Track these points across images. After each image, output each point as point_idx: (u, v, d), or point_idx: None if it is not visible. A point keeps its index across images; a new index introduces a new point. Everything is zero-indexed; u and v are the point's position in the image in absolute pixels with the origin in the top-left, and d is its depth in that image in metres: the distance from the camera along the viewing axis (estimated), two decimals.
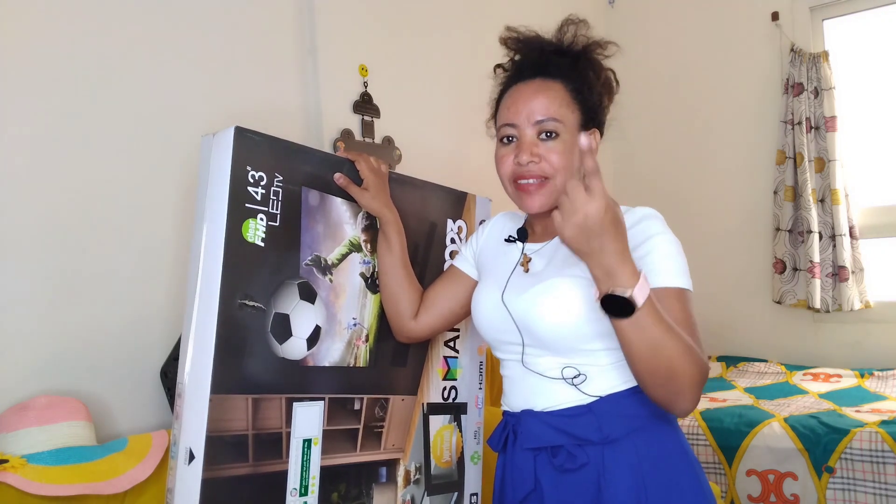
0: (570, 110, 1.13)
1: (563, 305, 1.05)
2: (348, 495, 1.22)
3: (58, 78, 1.51)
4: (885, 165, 2.96)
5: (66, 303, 1.49)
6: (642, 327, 0.93)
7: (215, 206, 1.08)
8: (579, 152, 0.97)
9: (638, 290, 0.91)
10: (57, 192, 1.49)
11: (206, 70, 1.79)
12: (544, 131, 1.11)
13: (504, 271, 1.18)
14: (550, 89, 1.13)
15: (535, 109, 1.11)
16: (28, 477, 1.17)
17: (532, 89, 1.13)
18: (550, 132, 1.11)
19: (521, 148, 1.11)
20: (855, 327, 2.94)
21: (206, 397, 1.03)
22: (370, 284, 1.30)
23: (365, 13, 2.25)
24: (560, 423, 1.08)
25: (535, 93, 1.12)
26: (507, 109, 1.15)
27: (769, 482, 2.12)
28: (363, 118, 2.20)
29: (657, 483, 1.04)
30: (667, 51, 3.42)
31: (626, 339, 0.95)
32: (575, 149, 1.12)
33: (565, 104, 1.12)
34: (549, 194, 1.11)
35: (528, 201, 1.12)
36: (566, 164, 1.10)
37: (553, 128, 1.11)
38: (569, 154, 1.11)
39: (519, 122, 1.12)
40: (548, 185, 1.11)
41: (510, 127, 1.13)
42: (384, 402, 1.30)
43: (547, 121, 1.10)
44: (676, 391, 0.96)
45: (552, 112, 1.11)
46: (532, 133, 1.11)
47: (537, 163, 1.10)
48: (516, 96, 1.14)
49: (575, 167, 1.11)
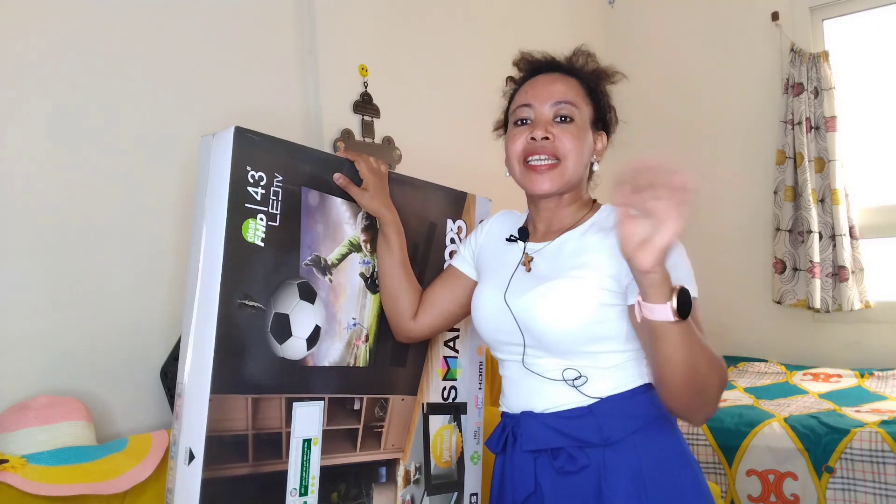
0: (585, 103, 1.16)
1: (566, 307, 1.05)
2: (348, 495, 1.22)
3: (57, 78, 1.51)
4: (885, 165, 2.96)
5: (66, 303, 1.49)
6: (690, 332, 0.91)
7: (215, 207, 1.08)
8: None
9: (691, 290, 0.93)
10: (57, 192, 1.49)
11: (206, 70, 1.79)
12: (560, 115, 1.13)
13: (505, 271, 1.17)
14: (568, 81, 1.17)
15: (554, 93, 1.14)
16: (28, 477, 1.17)
17: (551, 78, 1.17)
18: (566, 116, 1.13)
19: (536, 125, 1.13)
20: (855, 327, 2.94)
21: (205, 397, 1.03)
22: (370, 284, 1.30)
23: (365, 13, 2.25)
24: (560, 424, 1.07)
25: (554, 80, 1.16)
26: (525, 94, 1.17)
27: (769, 482, 2.12)
28: (363, 118, 2.20)
29: (657, 485, 1.04)
30: (667, 51, 3.42)
31: (672, 345, 0.91)
32: (586, 140, 1.14)
33: (581, 96, 1.16)
34: (559, 177, 1.11)
35: (537, 182, 1.12)
36: (578, 149, 1.12)
37: (569, 112, 1.13)
38: (581, 141, 1.13)
39: (536, 103, 1.14)
40: (558, 168, 1.11)
41: (527, 108, 1.15)
42: (384, 401, 1.30)
43: (565, 103, 1.13)
44: (705, 401, 0.97)
45: (570, 97, 1.14)
46: (548, 114, 1.13)
47: (551, 141, 1.11)
48: (534, 83, 1.18)
49: (585, 158, 1.13)
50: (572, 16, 3.34)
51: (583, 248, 1.10)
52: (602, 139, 1.20)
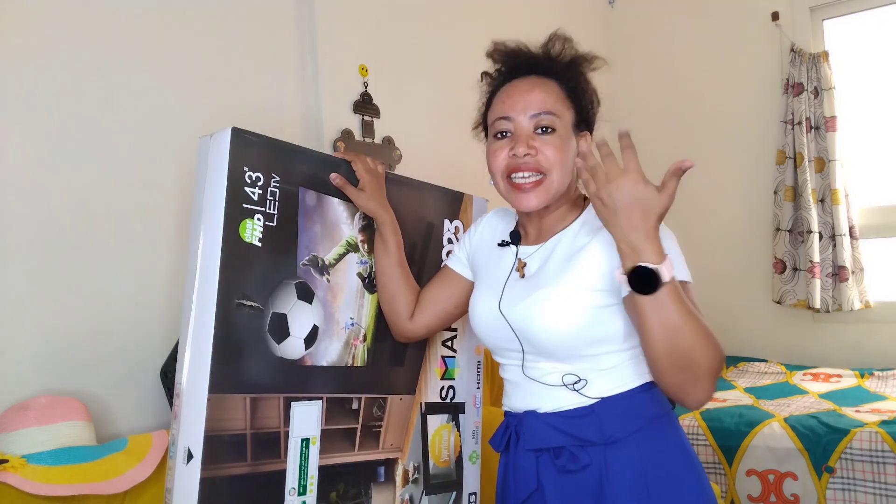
0: (566, 107, 1.12)
1: (561, 313, 1.05)
2: (347, 495, 1.22)
3: (57, 78, 1.51)
4: (885, 165, 2.96)
5: (66, 303, 1.49)
6: (664, 305, 0.93)
7: (213, 207, 1.09)
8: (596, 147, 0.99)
9: (664, 267, 0.92)
10: (56, 192, 1.50)
11: (205, 70, 1.79)
12: (541, 126, 1.10)
13: (499, 277, 1.17)
14: (546, 85, 1.12)
15: (532, 103, 1.10)
16: (28, 477, 1.17)
17: (528, 84, 1.13)
18: (547, 127, 1.10)
19: (517, 140, 1.10)
20: (855, 327, 2.94)
21: (204, 397, 1.03)
22: (367, 284, 1.30)
23: (365, 13, 2.25)
24: (562, 424, 1.08)
25: (532, 87, 1.12)
26: (503, 103, 1.13)
27: (769, 482, 2.12)
28: (363, 118, 2.20)
29: (659, 483, 1.04)
30: (667, 51, 3.42)
31: (647, 319, 0.94)
32: (570, 147, 1.11)
33: (560, 101, 1.12)
34: (545, 192, 1.09)
35: (524, 200, 1.10)
36: (562, 160, 1.09)
37: (549, 122, 1.10)
38: (564, 151, 1.10)
39: (515, 115, 1.11)
40: (544, 183, 1.09)
41: (505, 120, 1.12)
42: (382, 401, 1.30)
43: (544, 115, 1.10)
44: (694, 379, 0.95)
45: (549, 106, 1.10)
46: (528, 126, 1.10)
47: (534, 155, 1.08)
48: (511, 91, 1.14)
49: (570, 167, 1.11)
50: (572, 16, 3.34)
51: (575, 249, 1.09)
52: (586, 139, 1.16)
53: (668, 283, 0.93)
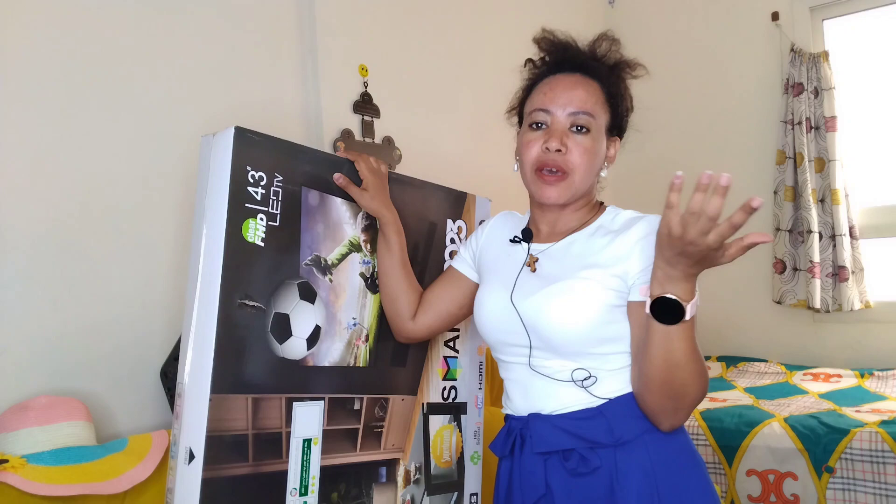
0: (603, 111, 1.14)
1: (575, 308, 1.05)
2: (348, 495, 1.22)
3: (57, 78, 1.51)
4: (885, 165, 2.96)
5: (66, 303, 1.49)
6: (675, 340, 0.96)
7: (215, 207, 1.08)
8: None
9: (690, 306, 0.94)
10: (57, 192, 1.49)
11: (206, 70, 1.79)
12: (577, 124, 1.12)
13: (510, 272, 1.17)
14: (589, 86, 1.14)
15: (573, 100, 1.12)
16: (28, 477, 1.17)
17: (572, 81, 1.14)
18: (582, 126, 1.12)
19: (551, 134, 1.11)
20: (855, 327, 2.94)
21: (206, 397, 1.03)
22: (370, 284, 1.30)
23: (365, 13, 2.25)
24: (571, 426, 1.07)
25: (575, 85, 1.14)
26: (544, 95, 1.15)
27: (769, 482, 2.12)
28: (363, 118, 2.20)
29: (669, 485, 1.04)
30: (667, 51, 3.42)
31: (654, 346, 0.97)
32: (599, 150, 1.13)
33: (600, 104, 1.14)
34: (567, 189, 1.11)
35: (546, 191, 1.12)
36: (588, 163, 1.11)
37: (586, 122, 1.12)
38: (592, 154, 1.12)
39: (554, 110, 1.12)
40: (566, 181, 1.11)
41: (543, 112, 1.13)
42: (384, 401, 1.30)
43: (582, 114, 1.11)
44: (676, 408, 1.02)
45: (589, 107, 1.12)
46: (565, 123, 1.12)
47: (564, 153, 1.10)
48: (554, 84, 1.15)
49: (595, 169, 1.13)
50: (572, 15, 3.34)
51: (590, 249, 1.10)
52: (615, 145, 1.19)
53: (687, 322, 0.95)
